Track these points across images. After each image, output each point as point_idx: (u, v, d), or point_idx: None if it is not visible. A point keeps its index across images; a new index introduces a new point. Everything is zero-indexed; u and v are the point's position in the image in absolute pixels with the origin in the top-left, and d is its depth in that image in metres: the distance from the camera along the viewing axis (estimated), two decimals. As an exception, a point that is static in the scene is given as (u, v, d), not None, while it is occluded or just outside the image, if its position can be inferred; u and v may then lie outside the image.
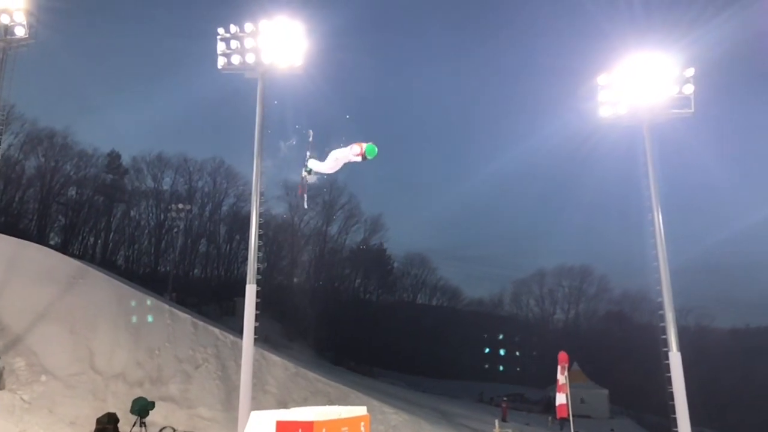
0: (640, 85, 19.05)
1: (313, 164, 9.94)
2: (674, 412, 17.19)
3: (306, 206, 10.42)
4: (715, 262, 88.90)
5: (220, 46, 18.48)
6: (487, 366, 69.94)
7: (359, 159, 9.42)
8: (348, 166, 9.66)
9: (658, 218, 18.62)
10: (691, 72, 18.69)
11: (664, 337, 17.79)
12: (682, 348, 17.63)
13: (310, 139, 9.89)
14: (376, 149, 9.32)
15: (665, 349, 17.71)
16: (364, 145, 9.31)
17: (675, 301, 18.52)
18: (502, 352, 70.99)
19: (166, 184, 62.77)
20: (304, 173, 10.29)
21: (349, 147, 9.45)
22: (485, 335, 72.94)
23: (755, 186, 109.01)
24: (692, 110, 19.04)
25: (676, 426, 17.16)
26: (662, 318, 18.11)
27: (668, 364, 17.54)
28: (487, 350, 71.37)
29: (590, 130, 21.54)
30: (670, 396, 17.28)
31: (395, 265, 75.69)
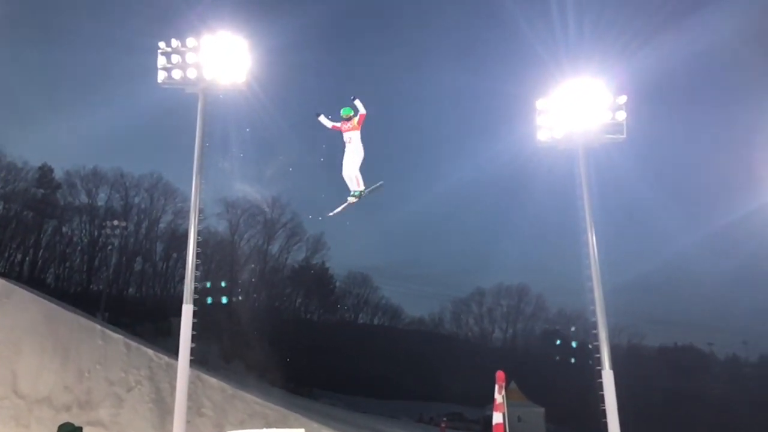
0: (575, 110, 19.74)
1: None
2: (607, 429, 17.65)
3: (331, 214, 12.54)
4: (647, 283, 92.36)
5: (161, 60, 18.11)
6: (426, 386, 70.15)
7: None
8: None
9: (592, 239, 19.24)
10: (623, 99, 19.51)
11: (597, 355, 18.31)
12: (615, 366, 18.17)
13: (378, 185, 12.30)
14: (348, 109, 13.16)
15: (599, 368, 18.21)
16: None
17: (608, 321, 19.10)
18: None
19: (100, 200, 60.85)
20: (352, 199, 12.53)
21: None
22: (425, 354, 73.21)
23: (685, 211, 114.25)
24: (624, 136, 19.84)
25: (609, 442, 17.62)
26: (596, 337, 18.65)
27: (601, 382, 18.04)
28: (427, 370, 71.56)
29: (529, 153, 22.18)
30: (603, 413, 17.74)
31: (337, 284, 75.42)
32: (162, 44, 17.99)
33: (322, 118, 13.85)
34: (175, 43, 17.96)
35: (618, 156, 23.43)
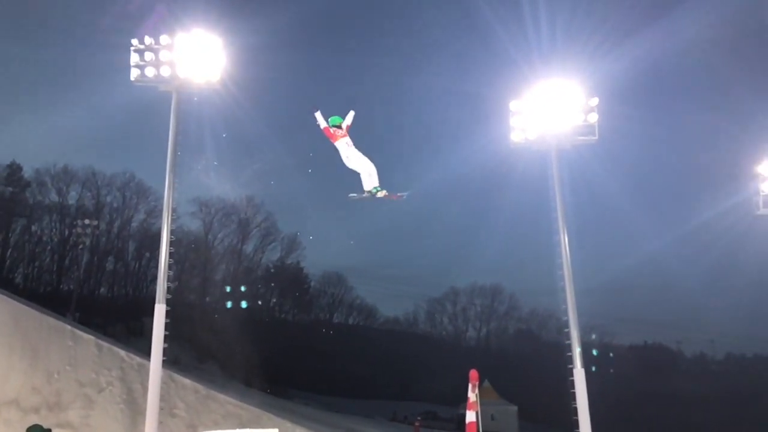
0: (548, 112, 20.00)
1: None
2: (578, 427, 17.93)
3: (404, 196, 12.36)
4: (618, 283, 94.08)
5: (134, 58, 17.88)
6: (400, 385, 70.42)
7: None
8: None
9: (565, 240, 19.51)
10: (595, 101, 19.80)
11: (569, 354, 18.59)
12: (586, 364, 18.46)
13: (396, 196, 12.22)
14: (338, 117, 13.11)
15: (570, 366, 18.50)
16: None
17: (580, 320, 19.40)
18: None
19: (71, 199, 59.65)
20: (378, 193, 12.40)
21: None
22: (400, 354, 73.47)
23: (656, 213, 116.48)
24: (596, 137, 20.13)
25: (579, 440, 17.91)
26: (568, 336, 18.93)
27: (573, 380, 18.33)
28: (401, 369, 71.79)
29: (503, 155, 22.35)
30: (575, 411, 18.02)
31: (312, 284, 75.21)
32: (135, 41, 17.77)
33: (318, 115, 13.76)
34: (148, 40, 17.75)
35: (591, 158, 23.79)
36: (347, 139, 13.50)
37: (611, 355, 77.79)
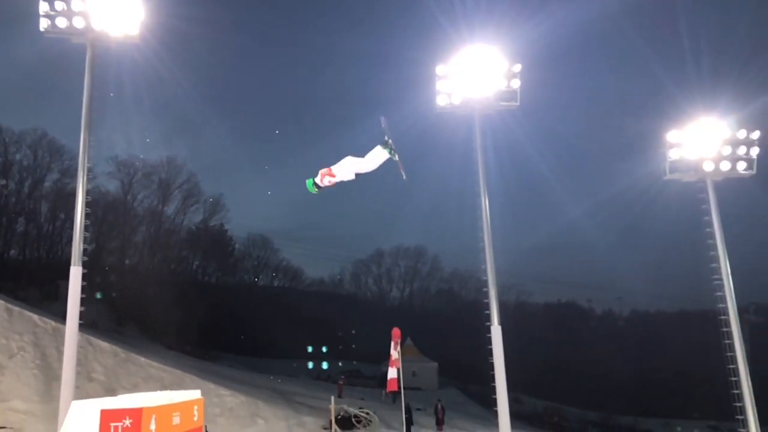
0: (472, 77, 20.36)
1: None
2: (495, 381, 18.88)
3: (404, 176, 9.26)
4: (536, 246, 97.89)
5: (43, 6, 16.78)
6: (325, 345, 71.29)
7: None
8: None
9: (485, 203, 20.17)
10: (518, 68, 20.30)
11: (487, 312, 19.42)
12: (503, 322, 19.37)
13: (383, 125, 8.98)
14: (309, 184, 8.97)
15: (488, 323, 19.34)
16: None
17: (498, 279, 20.25)
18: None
19: (-24, 157, 55.64)
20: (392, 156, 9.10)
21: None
22: (325, 315, 74.17)
23: (574, 179, 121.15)
24: (518, 103, 20.71)
25: (495, 393, 18.88)
26: (487, 295, 19.75)
27: (490, 337, 19.20)
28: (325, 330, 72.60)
29: (431, 120, 22.66)
30: (492, 366, 18.94)
31: (236, 246, 74.15)
32: (44, -12, 16.70)
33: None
34: (59, -13, 16.72)
35: (514, 124, 24.49)
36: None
37: (527, 312, 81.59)
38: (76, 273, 15.91)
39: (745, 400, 18.94)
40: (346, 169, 8.77)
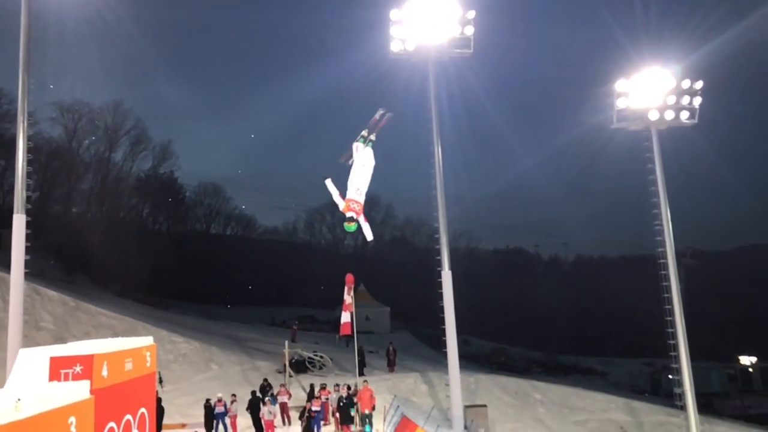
0: (427, 23, 20.21)
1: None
2: (445, 324, 19.51)
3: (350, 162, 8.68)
4: (487, 194, 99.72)
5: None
6: (279, 292, 71.64)
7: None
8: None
9: (438, 152, 20.38)
10: (472, 14, 20.25)
11: (438, 258, 19.89)
12: (453, 267, 19.89)
13: (377, 116, 8.43)
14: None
15: (439, 269, 19.84)
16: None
17: (450, 226, 20.69)
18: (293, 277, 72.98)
19: None
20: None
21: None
22: (279, 262, 74.25)
23: (527, 127, 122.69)
24: (471, 51, 20.75)
25: (445, 336, 19.54)
26: (438, 241, 20.18)
27: (441, 282, 19.73)
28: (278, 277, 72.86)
29: (386, 66, 22.43)
30: (442, 309, 19.54)
31: (187, 194, 72.80)
32: None
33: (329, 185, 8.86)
34: None
35: (467, 72, 24.49)
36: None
37: (477, 258, 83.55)
38: (19, 221, 15.52)
39: (679, 337, 20.16)
40: (353, 187, 8.85)
